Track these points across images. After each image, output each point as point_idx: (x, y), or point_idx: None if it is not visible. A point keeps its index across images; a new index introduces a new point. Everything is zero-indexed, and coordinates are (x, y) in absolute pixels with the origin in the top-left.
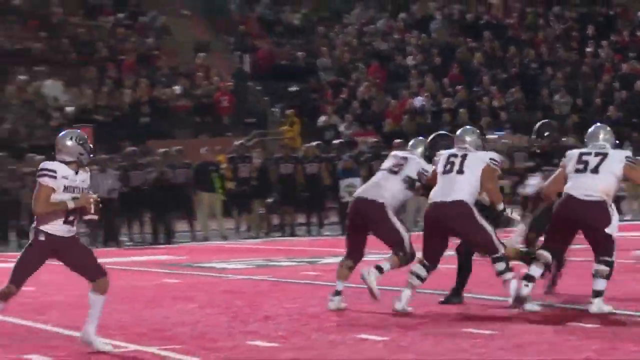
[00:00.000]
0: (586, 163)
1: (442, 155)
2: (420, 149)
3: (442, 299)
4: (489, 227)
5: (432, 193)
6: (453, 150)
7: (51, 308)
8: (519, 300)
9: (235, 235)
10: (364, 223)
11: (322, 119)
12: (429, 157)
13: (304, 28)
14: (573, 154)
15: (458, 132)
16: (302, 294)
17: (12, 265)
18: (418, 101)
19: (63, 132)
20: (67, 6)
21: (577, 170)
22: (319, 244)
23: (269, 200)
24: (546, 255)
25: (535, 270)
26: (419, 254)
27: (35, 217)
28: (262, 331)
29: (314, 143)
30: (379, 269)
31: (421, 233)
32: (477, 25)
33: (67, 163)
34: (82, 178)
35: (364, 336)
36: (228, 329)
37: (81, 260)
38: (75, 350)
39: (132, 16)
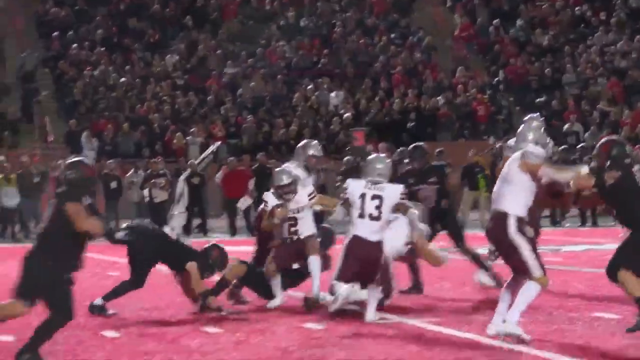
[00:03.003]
0: None
1: None
2: None
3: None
4: None
5: None
6: None
7: None
8: None
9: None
10: None
11: (566, 126)
12: None
13: (552, 48)
14: None
15: None
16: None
17: None
18: None
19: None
20: (346, 27)
21: None
22: (558, 233)
23: None
24: None
25: None
26: None
27: None
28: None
29: (560, 148)
30: None
31: None
32: None
33: None
34: None
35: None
36: None
37: None
38: None
39: (402, 36)
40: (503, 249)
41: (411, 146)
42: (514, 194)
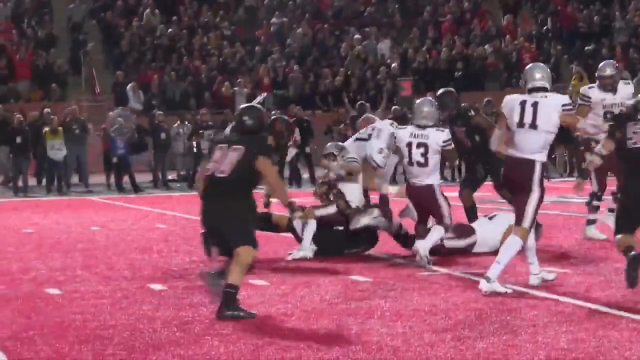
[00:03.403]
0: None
1: None
2: None
3: None
4: None
5: None
6: None
7: None
8: None
9: None
10: None
11: None
12: None
13: None
14: None
15: None
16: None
17: None
18: None
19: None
20: None
21: None
22: None
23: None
24: None
25: None
26: None
27: None
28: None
29: None
30: None
31: None
32: None
33: None
34: None
35: None
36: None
37: None
38: None
39: None
40: (518, 191)
41: (440, 92)
42: (545, 142)
